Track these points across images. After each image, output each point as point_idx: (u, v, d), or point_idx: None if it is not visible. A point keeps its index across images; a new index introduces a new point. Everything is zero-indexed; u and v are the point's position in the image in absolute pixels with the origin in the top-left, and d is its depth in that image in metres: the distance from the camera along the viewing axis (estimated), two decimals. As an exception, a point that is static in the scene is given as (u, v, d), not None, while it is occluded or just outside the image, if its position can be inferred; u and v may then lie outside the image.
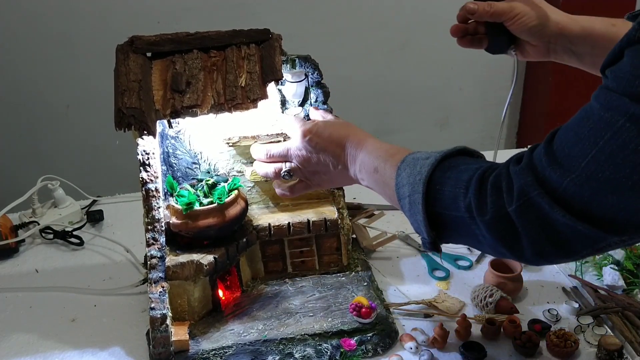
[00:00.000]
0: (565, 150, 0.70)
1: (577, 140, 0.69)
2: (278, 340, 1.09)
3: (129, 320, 1.21)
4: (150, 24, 2.49)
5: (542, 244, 0.72)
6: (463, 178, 0.78)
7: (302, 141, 1.01)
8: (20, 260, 1.43)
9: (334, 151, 0.99)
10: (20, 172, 2.53)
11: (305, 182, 1.07)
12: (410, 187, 0.83)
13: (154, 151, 1.01)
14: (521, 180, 0.72)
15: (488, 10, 1.05)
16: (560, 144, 0.71)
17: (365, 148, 0.96)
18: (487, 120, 3.16)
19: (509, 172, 0.74)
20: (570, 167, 0.69)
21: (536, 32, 1.05)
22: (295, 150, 1.03)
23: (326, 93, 1.21)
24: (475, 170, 0.78)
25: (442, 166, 0.81)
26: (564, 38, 1.05)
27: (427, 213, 0.81)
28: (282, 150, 1.05)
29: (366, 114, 2.94)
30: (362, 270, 1.27)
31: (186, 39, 1.08)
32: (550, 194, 0.70)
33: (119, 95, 0.99)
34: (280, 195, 1.10)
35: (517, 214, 0.72)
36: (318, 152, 1.00)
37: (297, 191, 1.09)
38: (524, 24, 1.04)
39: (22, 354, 1.14)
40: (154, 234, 1.03)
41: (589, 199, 0.68)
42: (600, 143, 0.66)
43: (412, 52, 2.90)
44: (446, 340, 1.10)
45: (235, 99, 1.04)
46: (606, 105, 0.67)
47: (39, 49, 2.52)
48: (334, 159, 0.99)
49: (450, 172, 0.80)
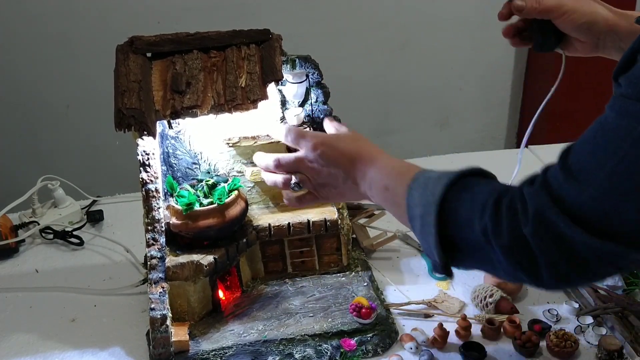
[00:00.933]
0: (581, 164, 0.67)
1: (594, 152, 0.66)
2: (278, 340, 1.09)
3: (129, 320, 1.21)
4: (150, 24, 2.49)
5: (560, 266, 0.69)
6: (478, 200, 0.75)
7: (312, 153, 0.97)
8: (20, 260, 1.43)
9: (345, 166, 0.95)
10: (20, 172, 2.54)
11: (314, 194, 1.02)
12: (422, 208, 0.80)
13: (154, 151, 1.01)
14: (536, 200, 0.69)
15: (536, 7, 1.00)
16: (576, 158, 0.68)
17: (376, 165, 0.92)
18: (487, 121, 3.16)
19: (522, 193, 0.71)
20: (588, 180, 0.65)
21: (585, 29, 1.01)
22: (305, 162, 0.98)
23: (326, 93, 1.21)
24: (490, 193, 0.74)
25: (455, 187, 0.78)
26: (613, 35, 1.00)
27: (439, 235, 0.77)
28: (291, 160, 1.01)
29: (366, 114, 2.94)
30: (362, 270, 1.27)
31: (186, 39, 1.08)
32: (566, 212, 0.66)
33: (119, 95, 0.99)
34: (288, 205, 1.07)
35: (533, 235, 0.68)
36: (329, 165, 0.96)
37: (305, 202, 1.04)
38: (573, 21, 1.00)
39: (22, 354, 1.14)
40: (154, 234, 1.03)
41: (609, 213, 0.64)
42: (619, 153, 0.63)
43: (412, 52, 2.89)
44: (446, 340, 1.10)
45: (236, 100, 1.04)
46: (622, 113, 0.64)
47: (39, 49, 2.51)
48: (344, 174, 0.95)
49: (464, 193, 0.77)
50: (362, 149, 0.95)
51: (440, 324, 1.10)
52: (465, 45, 2.93)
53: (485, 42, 2.94)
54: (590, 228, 0.65)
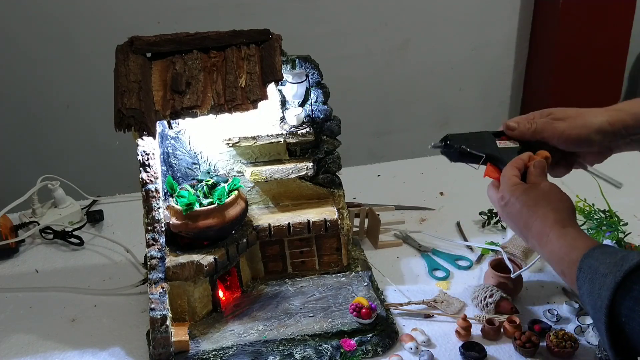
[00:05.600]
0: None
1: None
2: (278, 340, 1.09)
3: (129, 320, 1.21)
4: (150, 24, 2.49)
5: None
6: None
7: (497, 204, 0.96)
8: (20, 260, 1.43)
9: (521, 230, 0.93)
10: (20, 172, 2.54)
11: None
12: (592, 311, 0.76)
13: (154, 152, 1.01)
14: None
15: (529, 128, 1.00)
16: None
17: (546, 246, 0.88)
18: (487, 121, 3.16)
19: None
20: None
21: (583, 143, 0.99)
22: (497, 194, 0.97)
23: (326, 93, 1.21)
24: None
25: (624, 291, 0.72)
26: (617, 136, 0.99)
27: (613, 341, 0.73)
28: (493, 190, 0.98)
29: (366, 114, 2.94)
30: (362, 270, 1.27)
31: (186, 39, 1.08)
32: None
33: (119, 95, 1.00)
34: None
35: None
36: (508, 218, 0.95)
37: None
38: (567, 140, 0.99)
39: (22, 354, 1.14)
40: (154, 234, 1.03)
41: None
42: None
43: (412, 52, 2.90)
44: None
45: (235, 100, 1.04)
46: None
47: (39, 49, 2.52)
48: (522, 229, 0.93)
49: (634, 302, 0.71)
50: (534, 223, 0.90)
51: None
52: (465, 45, 2.93)
53: (485, 42, 2.94)
54: None
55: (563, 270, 0.84)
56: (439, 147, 1.02)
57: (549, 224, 0.88)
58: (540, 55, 2.98)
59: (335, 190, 1.27)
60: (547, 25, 2.89)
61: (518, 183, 0.94)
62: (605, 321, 0.72)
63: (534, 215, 0.90)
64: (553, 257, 0.86)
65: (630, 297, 0.71)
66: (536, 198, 0.91)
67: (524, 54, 3.04)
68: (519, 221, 0.92)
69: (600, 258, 0.78)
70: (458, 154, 1.01)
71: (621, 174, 1.07)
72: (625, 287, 0.72)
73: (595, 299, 0.75)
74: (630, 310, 0.71)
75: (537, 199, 0.91)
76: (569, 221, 0.88)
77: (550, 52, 2.90)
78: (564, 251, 0.84)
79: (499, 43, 2.99)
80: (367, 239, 1.42)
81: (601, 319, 0.73)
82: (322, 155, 1.24)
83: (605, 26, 2.79)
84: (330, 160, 1.25)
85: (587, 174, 1.06)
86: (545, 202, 0.90)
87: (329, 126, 1.22)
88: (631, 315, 0.71)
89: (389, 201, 1.53)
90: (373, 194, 1.58)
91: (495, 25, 2.93)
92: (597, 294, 0.75)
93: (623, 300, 0.72)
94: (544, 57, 2.96)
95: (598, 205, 1.37)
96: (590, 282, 0.77)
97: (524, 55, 3.05)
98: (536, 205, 0.90)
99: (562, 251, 0.84)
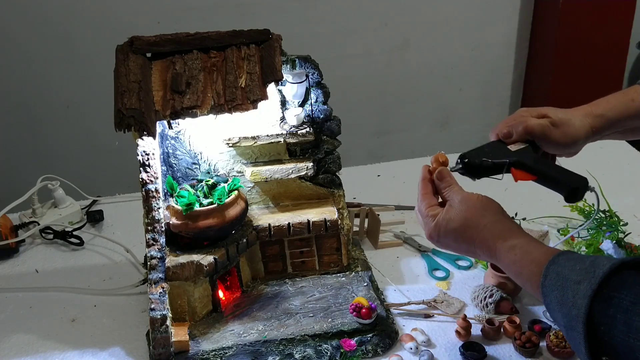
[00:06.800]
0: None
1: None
2: (278, 340, 1.09)
3: (129, 320, 1.21)
4: (150, 24, 2.49)
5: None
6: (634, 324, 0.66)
7: (433, 233, 0.94)
8: (20, 260, 1.43)
9: (472, 255, 0.94)
10: (20, 172, 2.54)
11: None
12: (565, 319, 0.73)
13: (154, 152, 1.01)
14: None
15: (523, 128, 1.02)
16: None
17: (501, 263, 0.87)
18: (487, 121, 3.16)
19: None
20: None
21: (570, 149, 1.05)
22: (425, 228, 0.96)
23: (326, 93, 1.21)
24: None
25: (601, 298, 0.69)
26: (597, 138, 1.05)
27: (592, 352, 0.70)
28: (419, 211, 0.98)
29: (366, 114, 2.94)
30: (362, 270, 1.27)
31: (186, 39, 1.08)
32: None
33: (119, 96, 1.00)
34: None
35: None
36: (447, 246, 0.94)
37: None
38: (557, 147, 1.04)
39: (22, 354, 1.14)
40: (154, 234, 1.03)
41: None
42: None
43: (412, 52, 2.89)
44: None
45: (235, 100, 1.04)
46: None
47: (39, 49, 2.51)
48: (467, 254, 0.94)
49: (615, 310, 0.68)
50: (478, 238, 0.89)
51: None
52: (465, 45, 2.93)
53: (485, 42, 2.94)
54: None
55: (523, 283, 0.84)
56: (458, 169, 1.01)
57: (490, 244, 0.88)
58: (540, 55, 2.98)
59: (335, 190, 1.27)
60: (547, 25, 2.89)
61: (434, 214, 0.93)
62: (584, 330, 0.70)
63: (471, 242, 0.90)
64: (511, 271, 0.86)
65: (610, 305, 0.69)
66: (461, 223, 0.90)
67: (524, 54, 3.04)
68: (463, 251, 0.93)
69: (567, 265, 0.76)
70: (481, 169, 0.99)
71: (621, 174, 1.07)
72: (602, 294, 0.70)
73: (570, 307, 0.72)
74: (612, 319, 0.68)
75: (463, 225, 0.90)
76: (508, 231, 0.88)
77: (550, 52, 2.90)
78: (520, 264, 0.83)
79: (499, 43, 2.99)
80: (367, 239, 1.42)
81: (578, 328, 0.70)
82: (322, 155, 1.24)
83: (605, 26, 2.79)
84: (330, 160, 1.25)
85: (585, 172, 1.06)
86: (473, 222, 0.90)
87: (329, 126, 1.23)
88: (613, 324, 0.68)
89: (389, 201, 1.53)
90: (373, 194, 1.58)
91: (495, 25, 2.93)
92: (570, 302, 0.72)
93: (602, 309, 0.69)
94: (544, 57, 2.96)
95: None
96: (560, 290, 0.74)
97: (524, 55, 3.05)
98: (465, 231, 0.90)
99: (519, 265, 0.84)
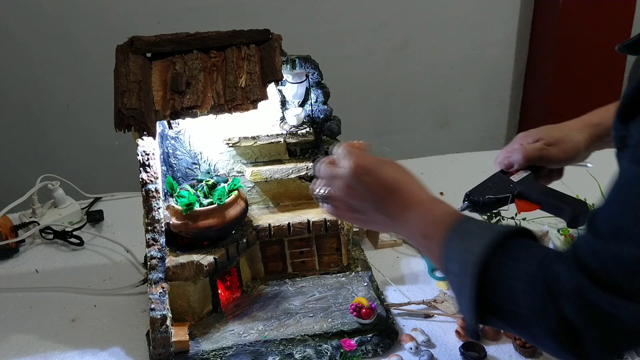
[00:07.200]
0: (614, 225, 0.63)
1: (625, 210, 0.62)
2: (278, 340, 1.09)
3: (129, 320, 1.21)
4: (150, 24, 2.49)
5: (608, 343, 0.65)
6: (523, 271, 0.69)
7: (352, 174, 0.89)
8: (20, 260, 1.43)
9: (382, 197, 0.87)
10: (20, 172, 2.53)
11: (338, 212, 0.96)
12: (459, 266, 0.74)
13: (154, 152, 1.01)
14: (572, 281, 0.65)
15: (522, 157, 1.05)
16: (605, 221, 0.64)
17: (416, 207, 0.85)
18: (487, 121, 3.16)
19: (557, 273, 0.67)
20: (624, 238, 0.62)
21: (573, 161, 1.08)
22: (341, 181, 0.91)
23: (326, 93, 1.21)
24: (538, 265, 0.69)
25: (499, 251, 0.72)
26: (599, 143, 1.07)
27: (478, 300, 0.72)
28: (328, 173, 0.94)
29: (366, 114, 2.94)
30: (362, 270, 1.27)
31: (186, 39, 1.08)
32: (607, 287, 0.62)
33: (119, 95, 1.00)
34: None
35: (577, 319, 0.64)
36: (364, 191, 0.89)
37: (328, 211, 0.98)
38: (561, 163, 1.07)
39: (22, 354, 1.14)
40: (154, 234, 1.03)
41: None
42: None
43: (412, 52, 2.90)
44: None
45: (235, 100, 1.04)
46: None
47: (39, 49, 2.52)
48: (379, 205, 0.88)
49: (509, 260, 0.71)
50: (404, 185, 0.88)
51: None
52: (465, 45, 2.93)
53: (485, 42, 2.94)
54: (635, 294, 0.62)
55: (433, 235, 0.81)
56: (466, 207, 1.04)
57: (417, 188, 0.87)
58: (540, 55, 2.98)
59: (335, 190, 1.27)
60: (547, 25, 2.89)
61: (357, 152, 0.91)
62: (476, 274, 0.71)
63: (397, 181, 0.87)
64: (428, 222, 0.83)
65: (505, 254, 0.71)
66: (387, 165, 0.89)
67: (524, 54, 3.04)
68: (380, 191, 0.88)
69: (474, 223, 0.78)
70: (487, 206, 1.04)
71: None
72: (502, 245, 0.72)
73: (468, 255, 0.73)
74: (504, 266, 0.71)
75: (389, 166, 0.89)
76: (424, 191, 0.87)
77: (550, 52, 2.90)
78: (443, 214, 0.83)
79: (499, 43, 2.99)
80: (367, 239, 1.42)
81: (469, 272, 0.71)
82: (322, 155, 1.24)
83: (605, 26, 2.79)
84: (330, 160, 1.25)
85: (587, 174, 1.07)
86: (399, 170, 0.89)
87: (329, 126, 1.23)
88: (505, 271, 0.70)
89: (389, 201, 1.53)
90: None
91: (495, 25, 2.93)
92: (470, 250, 0.73)
93: (497, 257, 0.71)
94: (544, 57, 2.96)
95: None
96: (462, 240, 0.76)
97: (524, 55, 3.05)
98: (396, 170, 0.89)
99: (442, 214, 0.83)
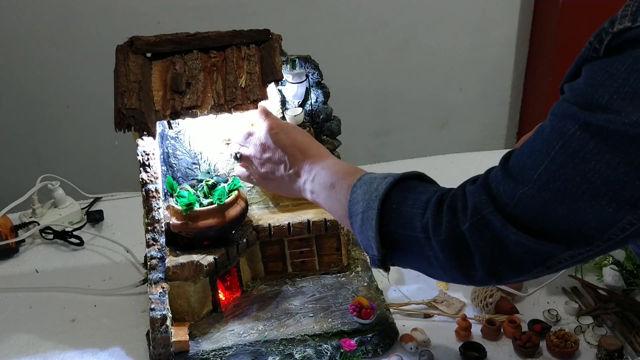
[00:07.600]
0: (520, 164, 0.70)
1: (531, 153, 0.69)
2: (278, 340, 1.09)
3: (129, 320, 1.21)
4: (150, 24, 2.49)
5: (494, 264, 0.72)
6: (421, 199, 0.78)
7: (266, 133, 1.02)
8: (20, 260, 1.43)
9: (293, 154, 0.99)
10: (20, 172, 2.53)
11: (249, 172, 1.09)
12: (364, 204, 0.83)
13: (154, 152, 1.01)
14: (475, 198, 0.72)
15: None
16: (516, 159, 0.71)
17: (324, 162, 0.96)
18: (487, 121, 3.16)
19: (464, 191, 0.74)
20: (523, 179, 0.69)
21: None
22: (256, 139, 1.05)
23: (326, 93, 1.21)
24: (433, 193, 0.78)
25: (399, 187, 0.81)
26: None
27: (380, 230, 0.80)
28: (244, 133, 1.07)
29: (366, 114, 2.94)
30: (362, 270, 1.27)
31: (186, 39, 1.08)
32: (502, 211, 0.70)
33: (119, 96, 0.99)
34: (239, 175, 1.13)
35: (470, 232, 0.72)
36: (277, 148, 1.01)
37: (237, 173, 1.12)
38: None
39: (22, 354, 1.14)
40: (154, 234, 1.03)
41: (540, 212, 0.67)
42: (552, 153, 0.67)
43: (412, 52, 2.89)
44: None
45: (235, 100, 1.04)
46: (559, 115, 0.68)
47: (39, 49, 2.52)
48: (289, 162, 0.99)
49: (408, 192, 0.80)
50: (314, 144, 1.00)
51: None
52: (465, 45, 2.93)
53: (485, 42, 2.94)
54: (523, 226, 0.68)
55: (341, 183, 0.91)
56: None
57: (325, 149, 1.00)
58: (540, 55, 2.98)
59: (335, 190, 1.27)
60: (547, 25, 2.89)
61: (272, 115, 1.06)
62: (378, 207, 0.80)
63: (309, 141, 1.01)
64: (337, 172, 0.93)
65: (405, 189, 0.81)
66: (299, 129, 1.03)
67: (524, 54, 3.04)
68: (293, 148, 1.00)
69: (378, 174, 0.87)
70: None
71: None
72: (402, 182, 0.82)
73: (371, 192, 0.82)
74: (403, 198, 0.80)
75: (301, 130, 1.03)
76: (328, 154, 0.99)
77: (550, 52, 2.90)
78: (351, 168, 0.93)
79: (499, 43, 2.99)
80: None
81: (373, 206, 0.80)
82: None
83: (605, 26, 2.79)
84: (330, 160, 1.25)
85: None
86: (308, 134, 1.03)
87: (329, 126, 1.22)
88: (403, 202, 0.79)
89: (389, 201, 1.53)
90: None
91: (495, 25, 2.93)
92: (374, 189, 0.82)
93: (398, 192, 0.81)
94: (544, 57, 2.96)
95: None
96: (367, 185, 0.84)
97: (524, 55, 3.05)
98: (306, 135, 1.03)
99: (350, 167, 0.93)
